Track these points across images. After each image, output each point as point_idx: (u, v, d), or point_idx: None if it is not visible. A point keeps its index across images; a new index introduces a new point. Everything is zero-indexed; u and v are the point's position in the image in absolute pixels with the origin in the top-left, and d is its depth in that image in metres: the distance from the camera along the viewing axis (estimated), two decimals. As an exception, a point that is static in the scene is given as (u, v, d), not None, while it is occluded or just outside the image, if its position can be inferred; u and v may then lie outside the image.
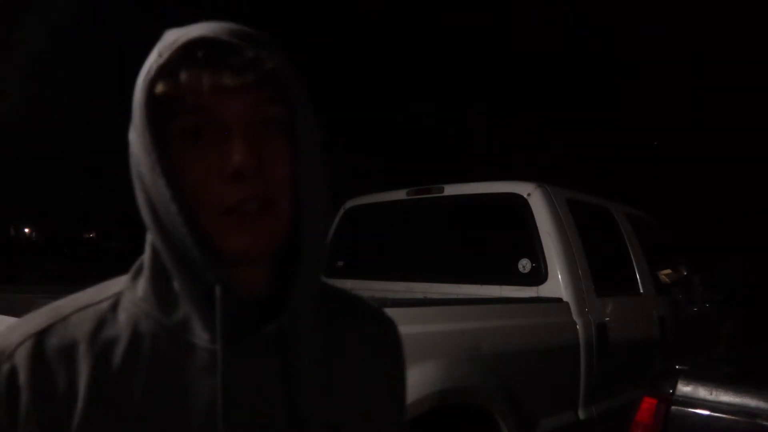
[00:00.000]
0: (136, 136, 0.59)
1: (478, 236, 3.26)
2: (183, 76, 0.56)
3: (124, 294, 0.63)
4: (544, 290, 2.79)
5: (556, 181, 3.12)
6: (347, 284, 3.61)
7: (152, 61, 0.59)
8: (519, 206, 2.93)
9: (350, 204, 3.84)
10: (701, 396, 1.76)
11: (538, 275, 2.82)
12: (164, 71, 0.57)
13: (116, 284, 0.65)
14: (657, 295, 3.50)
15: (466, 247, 3.30)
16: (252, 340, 0.60)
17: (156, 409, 0.57)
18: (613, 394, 2.84)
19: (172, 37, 0.58)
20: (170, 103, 0.57)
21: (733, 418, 1.68)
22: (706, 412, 1.74)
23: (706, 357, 3.14)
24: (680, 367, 1.87)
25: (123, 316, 0.61)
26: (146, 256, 0.64)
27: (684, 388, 1.80)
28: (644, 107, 15.77)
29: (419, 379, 1.89)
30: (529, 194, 2.93)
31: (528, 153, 13.84)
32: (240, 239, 0.58)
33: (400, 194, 3.53)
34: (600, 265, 3.01)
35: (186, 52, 0.57)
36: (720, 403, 1.72)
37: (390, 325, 0.79)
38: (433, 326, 2.08)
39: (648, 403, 1.85)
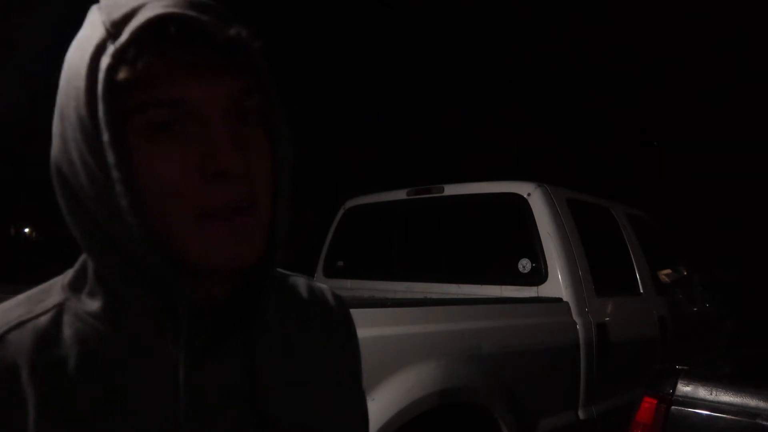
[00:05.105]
0: (75, 135, 0.48)
1: (478, 236, 3.25)
2: (152, 60, 0.46)
3: (66, 306, 0.53)
4: (544, 290, 2.78)
5: (556, 181, 3.12)
6: (347, 284, 3.61)
7: (99, 38, 0.47)
8: (519, 206, 2.93)
9: (350, 204, 3.83)
10: (701, 396, 1.76)
11: (538, 275, 2.82)
12: (125, 54, 0.46)
13: (54, 292, 0.55)
14: (657, 295, 3.50)
15: (466, 247, 3.30)
16: (216, 349, 0.54)
17: None
18: (613, 394, 2.84)
19: (122, 11, 0.48)
20: (131, 92, 0.46)
21: (733, 418, 1.68)
22: (706, 412, 1.74)
23: (706, 357, 3.14)
24: (680, 367, 1.87)
25: (68, 333, 0.51)
26: (90, 266, 0.55)
27: (684, 388, 1.80)
28: (645, 107, 15.77)
29: (419, 379, 1.89)
30: (529, 194, 2.92)
31: (528, 153, 13.84)
32: (222, 249, 0.49)
33: (400, 194, 3.52)
34: (600, 265, 3.01)
35: (151, 30, 0.46)
36: (720, 403, 1.72)
37: (338, 301, 0.72)
38: (433, 326, 2.07)
39: (648, 403, 1.85)
